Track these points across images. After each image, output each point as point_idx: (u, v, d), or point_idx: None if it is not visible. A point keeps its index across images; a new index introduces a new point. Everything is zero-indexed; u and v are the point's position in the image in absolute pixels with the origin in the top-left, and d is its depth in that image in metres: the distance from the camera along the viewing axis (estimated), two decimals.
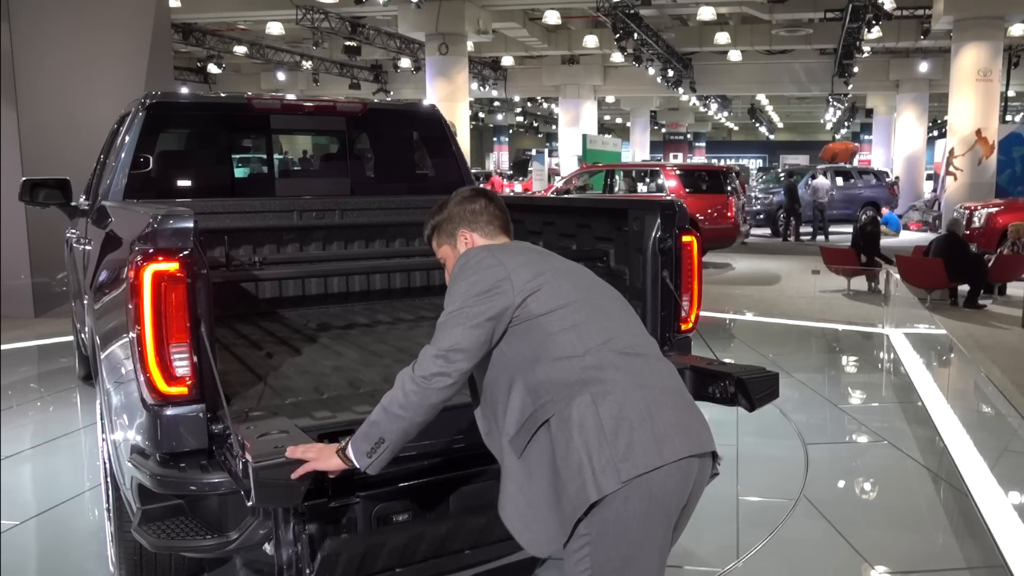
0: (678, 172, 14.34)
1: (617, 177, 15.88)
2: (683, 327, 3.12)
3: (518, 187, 31.59)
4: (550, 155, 35.17)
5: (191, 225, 2.22)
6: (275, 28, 21.80)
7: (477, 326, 1.85)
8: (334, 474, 1.95)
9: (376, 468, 1.91)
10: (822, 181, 19.09)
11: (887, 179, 22.23)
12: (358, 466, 1.91)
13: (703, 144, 47.96)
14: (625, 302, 2.10)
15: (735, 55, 25.42)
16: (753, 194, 20.60)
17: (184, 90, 21.50)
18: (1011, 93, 27.26)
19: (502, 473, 1.95)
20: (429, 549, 2.21)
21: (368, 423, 1.92)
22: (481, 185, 4.01)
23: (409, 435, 1.90)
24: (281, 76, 28.97)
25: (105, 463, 3.02)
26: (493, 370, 1.93)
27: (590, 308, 1.92)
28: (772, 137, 51.73)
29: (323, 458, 1.93)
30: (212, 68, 27.10)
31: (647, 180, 15.15)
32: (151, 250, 2.20)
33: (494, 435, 1.97)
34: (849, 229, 15.46)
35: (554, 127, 38.84)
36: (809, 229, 19.12)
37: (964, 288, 9.94)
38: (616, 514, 1.74)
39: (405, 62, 26.12)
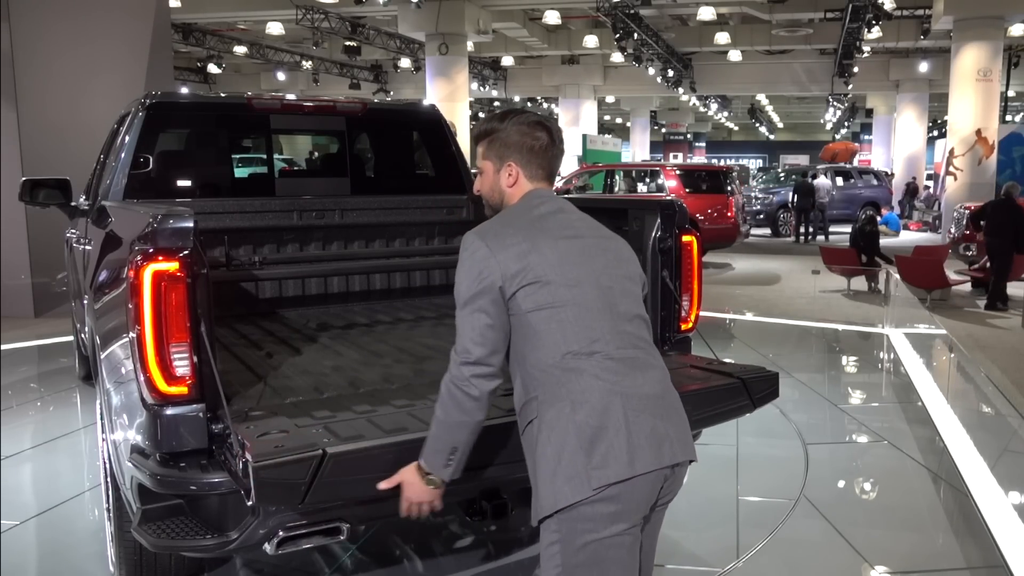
0: (678, 172, 14.34)
1: (617, 177, 15.88)
2: (683, 327, 3.12)
3: None
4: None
5: (191, 225, 2.22)
6: (275, 28, 21.80)
7: (480, 317, 1.86)
8: (427, 503, 1.99)
9: (458, 472, 1.95)
10: (823, 181, 19.04)
11: (886, 178, 22.23)
12: (443, 479, 1.95)
13: (703, 144, 47.95)
14: (632, 289, 2.02)
15: (735, 55, 25.41)
16: (753, 194, 20.58)
17: (184, 90, 21.50)
18: (1011, 93, 27.26)
19: None
20: None
21: (432, 438, 1.93)
22: None
23: (476, 433, 1.93)
24: (281, 76, 28.96)
25: (105, 463, 3.02)
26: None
27: (581, 306, 1.88)
28: (772, 137, 51.72)
29: (409, 483, 1.96)
30: (212, 68, 27.09)
31: (647, 180, 15.16)
32: (151, 250, 2.20)
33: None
34: (849, 229, 15.46)
35: None
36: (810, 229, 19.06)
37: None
38: (585, 516, 1.78)
39: (405, 62, 26.12)
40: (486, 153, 2.07)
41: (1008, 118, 26.37)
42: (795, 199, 18.58)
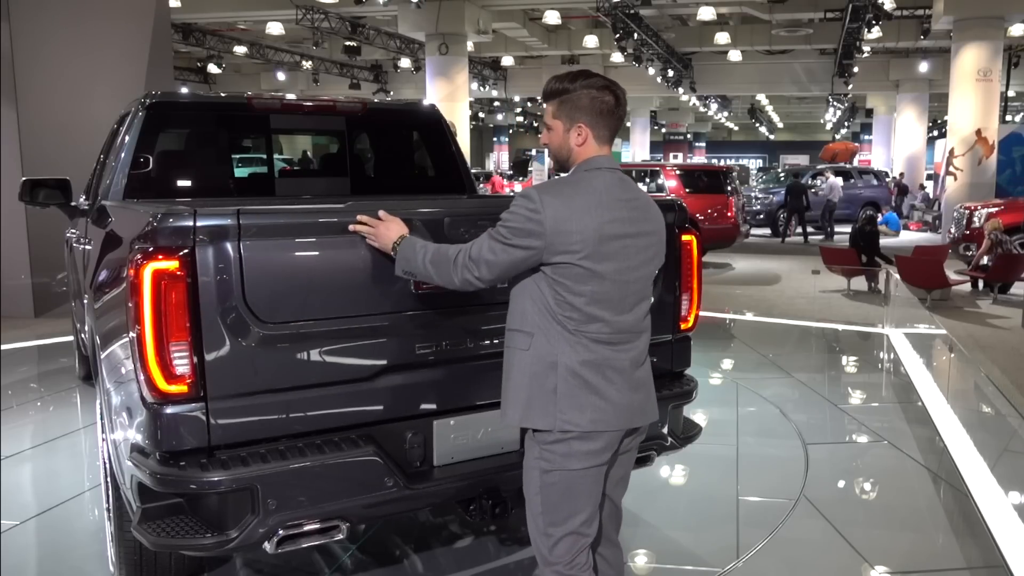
0: (678, 172, 14.35)
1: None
2: (682, 327, 3.12)
3: (518, 187, 31.60)
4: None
5: (191, 223, 2.22)
6: (275, 28, 21.79)
7: (512, 253, 2.12)
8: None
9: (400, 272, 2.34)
10: (835, 181, 19.11)
11: (887, 179, 22.24)
12: (396, 266, 2.33)
13: (703, 144, 47.94)
14: (646, 289, 2.25)
15: (735, 55, 25.41)
16: (753, 194, 20.58)
17: (184, 90, 21.50)
18: (1011, 93, 27.26)
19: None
20: None
21: (415, 259, 2.27)
22: (481, 185, 4.03)
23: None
24: (281, 76, 28.97)
25: (105, 463, 3.02)
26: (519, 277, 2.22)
27: (607, 292, 2.13)
28: (772, 137, 51.73)
29: (381, 236, 2.37)
30: (212, 68, 27.10)
31: (647, 180, 15.15)
32: (151, 249, 2.20)
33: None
34: (849, 229, 15.45)
35: None
36: (812, 228, 19.06)
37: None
38: (563, 451, 2.16)
39: (405, 62, 26.12)
40: (556, 112, 2.22)
41: (1008, 118, 26.37)
42: (786, 199, 18.64)
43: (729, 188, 13.45)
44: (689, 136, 45.97)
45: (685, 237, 3.04)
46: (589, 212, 2.10)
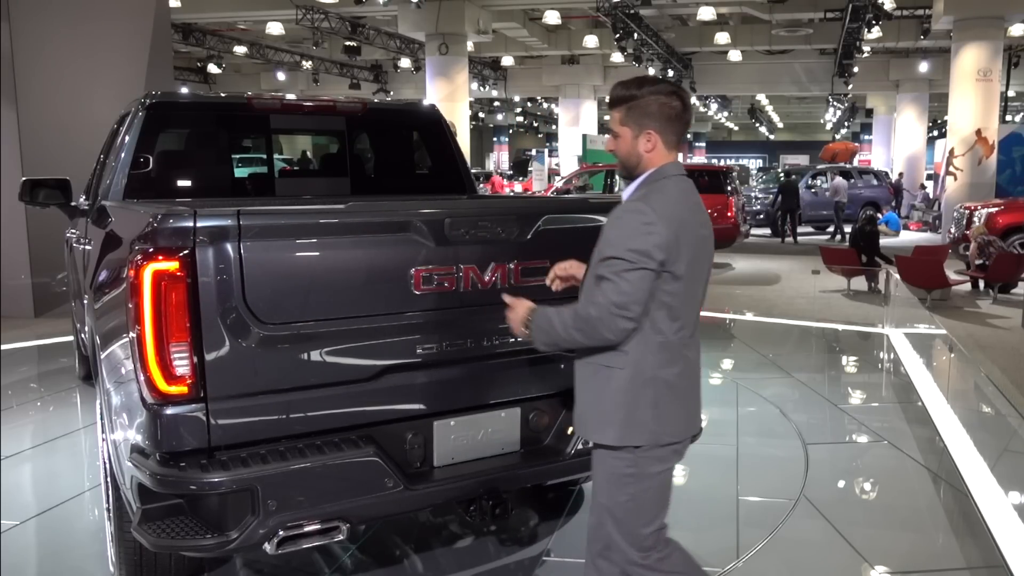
0: None
1: (617, 177, 15.87)
2: None
3: (518, 187, 31.61)
4: (550, 155, 35.16)
5: (191, 224, 2.22)
6: (275, 28, 21.79)
7: (646, 276, 2.07)
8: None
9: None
10: (841, 181, 19.15)
11: (886, 179, 22.23)
12: (535, 343, 2.25)
13: (703, 144, 47.94)
14: (708, 277, 2.30)
15: (735, 55, 25.40)
16: (753, 194, 20.56)
17: (184, 90, 21.50)
18: (1011, 93, 27.25)
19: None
20: None
21: (554, 328, 2.17)
22: (481, 185, 4.05)
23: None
24: (281, 76, 28.95)
25: (105, 463, 3.02)
26: None
27: (686, 291, 2.16)
28: (772, 137, 51.71)
29: (511, 321, 2.31)
30: (212, 68, 27.08)
31: None
32: (151, 249, 2.20)
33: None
34: (848, 229, 15.45)
35: (554, 127, 38.82)
36: (812, 228, 19.06)
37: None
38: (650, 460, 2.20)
39: (405, 62, 26.11)
40: (624, 119, 2.21)
41: (1008, 118, 26.36)
42: (779, 200, 18.65)
43: (729, 188, 13.43)
44: (689, 136, 45.95)
45: None
46: (681, 219, 2.13)
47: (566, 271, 2.43)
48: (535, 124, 47.71)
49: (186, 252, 2.20)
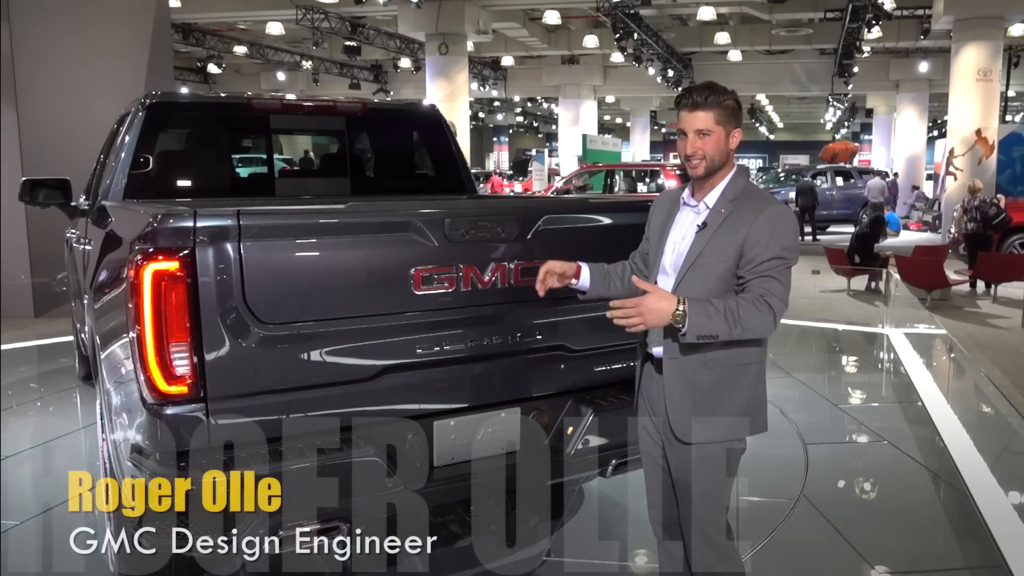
0: (678, 172, 14.35)
1: (617, 177, 15.90)
2: None
3: (518, 187, 31.60)
4: (550, 155, 35.16)
5: (191, 224, 2.22)
6: (275, 28, 21.80)
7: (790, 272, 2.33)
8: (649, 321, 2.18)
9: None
10: (878, 182, 19.16)
11: (886, 179, 22.22)
12: (685, 331, 2.17)
13: None
14: None
15: (735, 55, 25.41)
16: None
17: (184, 90, 21.51)
18: (1011, 93, 27.25)
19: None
20: None
21: (720, 319, 2.17)
22: (480, 185, 4.04)
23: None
24: (281, 76, 28.96)
25: (105, 463, 3.02)
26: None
27: None
28: (772, 137, 51.67)
29: (652, 312, 2.16)
30: (212, 68, 27.08)
31: (647, 180, 15.17)
32: (151, 249, 2.20)
33: None
34: (849, 229, 15.44)
35: (554, 127, 38.81)
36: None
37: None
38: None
39: (405, 62, 26.11)
40: (721, 120, 2.32)
41: (1008, 118, 26.36)
42: (798, 199, 18.59)
43: None
44: None
45: None
46: None
47: (553, 270, 2.46)
48: (535, 124, 47.70)
49: (186, 252, 2.20)
